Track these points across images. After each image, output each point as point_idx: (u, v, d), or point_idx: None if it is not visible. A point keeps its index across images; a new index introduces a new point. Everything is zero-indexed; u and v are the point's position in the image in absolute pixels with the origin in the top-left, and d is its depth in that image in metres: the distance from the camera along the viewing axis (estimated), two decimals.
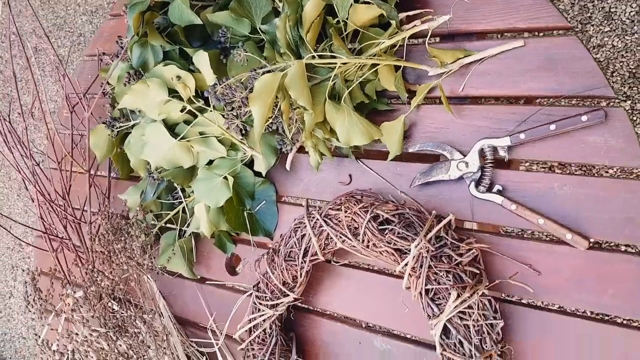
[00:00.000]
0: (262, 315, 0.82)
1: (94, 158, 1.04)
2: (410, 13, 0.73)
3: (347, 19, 0.70)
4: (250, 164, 0.90)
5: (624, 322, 0.63)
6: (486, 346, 0.62)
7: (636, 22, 1.40)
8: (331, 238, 0.76)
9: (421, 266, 0.66)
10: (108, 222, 0.89)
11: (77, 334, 0.85)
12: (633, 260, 0.61)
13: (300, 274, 0.79)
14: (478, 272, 0.66)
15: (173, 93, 0.83)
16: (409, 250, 0.67)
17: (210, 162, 0.89)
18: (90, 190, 1.05)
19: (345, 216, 0.74)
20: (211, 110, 0.82)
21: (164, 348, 0.89)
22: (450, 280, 0.64)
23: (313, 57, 0.70)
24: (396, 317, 0.78)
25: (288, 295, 0.80)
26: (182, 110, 0.83)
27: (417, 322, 0.75)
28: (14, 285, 2.55)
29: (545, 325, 0.66)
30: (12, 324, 2.54)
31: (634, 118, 1.35)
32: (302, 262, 0.78)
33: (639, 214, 0.61)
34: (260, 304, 0.82)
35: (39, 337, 0.86)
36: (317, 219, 0.76)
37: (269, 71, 0.70)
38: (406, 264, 0.67)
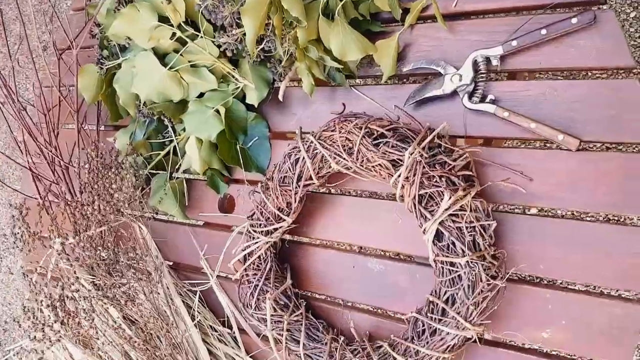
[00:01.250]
0: (257, 242, 0.81)
1: (82, 101, 1.03)
2: None
3: None
4: (242, 99, 0.89)
5: (613, 219, 0.64)
6: (479, 247, 0.63)
7: None
8: (325, 160, 0.76)
9: (415, 174, 0.66)
10: (97, 155, 0.88)
11: (70, 265, 0.84)
12: (622, 157, 0.62)
13: (295, 199, 0.79)
14: (470, 175, 0.66)
15: (164, 22, 0.83)
16: (403, 161, 0.67)
17: (201, 95, 0.88)
18: (79, 136, 1.04)
19: (340, 136, 0.74)
20: (202, 36, 0.81)
21: (156, 282, 0.88)
22: (443, 184, 0.64)
23: None
24: (389, 238, 0.78)
25: (283, 220, 0.80)
26: (172, 38, 0.83)
27: (410, 241, 0.76)
28: None
29: (536, 230, 0.66)
30: None
31: None
32: (296, 187, 0.78)
33: (623, 111, 0.62)
34: (255, 231, 0.82)
35: (27, 270, 0.85)
36: (312, 142, 0.76)
37: None
38: (399, 175, 0.67)
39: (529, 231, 0.67)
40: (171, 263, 1.03)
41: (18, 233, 0.86)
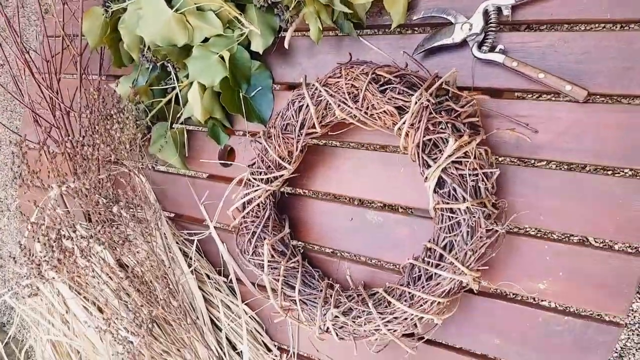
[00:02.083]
0: (257, 190, 0.81)
1: (85, 48, 1.02)
2: None
3: None
4: (247, 47, 0.88)
5: (619, 170, 0.63)
6: (480, 194, 0.62)
7: None
8: (330, 107, 0.75)
9: (420, 120, 0.65)
10: (99, 97, 0.87)
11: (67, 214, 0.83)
12: (630, 110, 0.61)
13: (297, 147, 0.78)
14: (476, 123, 0.65)
15: None
16: (409, 107, 0.67)
17: (205, 41, 0.87)
18: (80, 81, 1.03)
19: (346, 82, 0.73)
20: None
21: (154, 228, 0.88)
22: (449, 131, 0.63)
23: None
24: (389, 190, 0.78)
25: (284, 168, 0.79)
26: None
27: (410, 193, 0.75)
28: None
29: (537, 182, 0.66)
30: None
31: None
32: (298, 136, 0.77)
33: (634, 63, 0.61)
34: (255, 179, 0.81)
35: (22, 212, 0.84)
36: (317, 88, 0.75)
37: None
38: (404, 122, 0.67)
39: (530, 183, 0.67)
40: (172, 215, 1.03)
41: (17, 172, 0.86)
